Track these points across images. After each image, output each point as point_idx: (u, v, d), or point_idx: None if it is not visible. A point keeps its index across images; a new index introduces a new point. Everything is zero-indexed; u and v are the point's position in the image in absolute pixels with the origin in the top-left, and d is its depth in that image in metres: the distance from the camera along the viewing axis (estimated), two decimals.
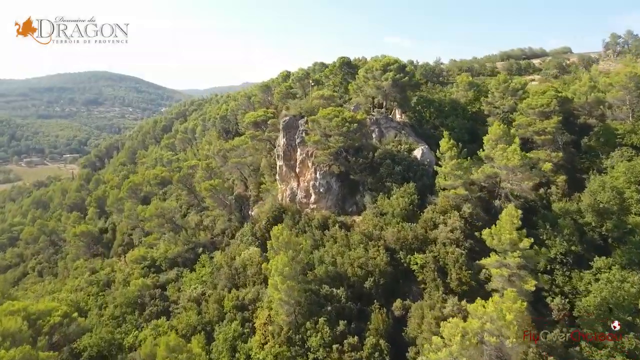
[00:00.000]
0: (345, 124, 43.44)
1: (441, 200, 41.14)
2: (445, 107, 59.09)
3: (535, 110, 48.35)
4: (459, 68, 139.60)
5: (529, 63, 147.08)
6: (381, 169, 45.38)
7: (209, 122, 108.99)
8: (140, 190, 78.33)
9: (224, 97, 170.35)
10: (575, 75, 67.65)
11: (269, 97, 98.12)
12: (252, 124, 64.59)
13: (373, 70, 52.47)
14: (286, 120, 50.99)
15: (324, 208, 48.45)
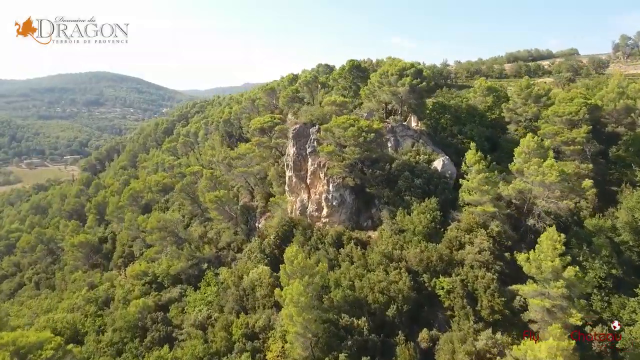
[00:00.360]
0: (362, 133, 40.28)
1: (466, 217, 37.97)
2: (462, 113, 55.90)
3: (563, 119, 45.21)
4: (467, 70, 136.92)
5: (539, 65, 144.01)
6: (399, 181, 42.22)
7: (211, 126, 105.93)
8: (142, 197, 75.26)
9: (226, 99, 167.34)
10: (599, 80, 64.23)
11: (273, 101, 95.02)
12: (258, 130, 61.48)
13: (388, 75, 49.32)
14: (296, 128, 47.85)
15: (337, 222, 45.31)
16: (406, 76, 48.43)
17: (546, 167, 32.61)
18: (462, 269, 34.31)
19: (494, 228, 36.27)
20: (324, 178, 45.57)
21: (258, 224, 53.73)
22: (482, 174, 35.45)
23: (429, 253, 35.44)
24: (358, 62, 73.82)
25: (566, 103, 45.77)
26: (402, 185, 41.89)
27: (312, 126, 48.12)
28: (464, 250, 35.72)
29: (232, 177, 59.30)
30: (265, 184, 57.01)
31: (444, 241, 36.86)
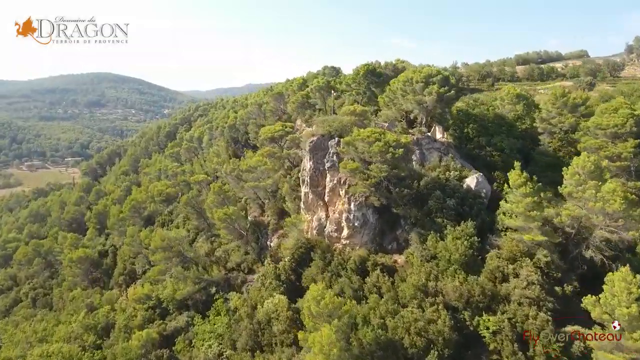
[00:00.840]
0: (389, 149, 36.12)
1: (507, 244, 33.83)
2: (488, 122, 51.72)
3: (607, 132, 41.10)
4: (478, 72, 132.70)
5: (552, 68, 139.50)
6: (430, 202, 38.06)
7: (216, 131, 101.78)
8: (144, 208, 71.17)
9: (230, 102, 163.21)
10: (633, 86, 59.95)
11: (281, 106, 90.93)
12: (268, 140, 57.42)
13: (413, 82, 45.17)
14: (313, 141, 43.73)
15: (358, 244, 41.21)
16: (432, 84, 44.32)
17: (607, 192, 28.46)
18: (509, 306, 30.22)
19: (541, 258, 32.10)
20: (344, 196, 41.44)
21: (270, 242, 49.62)
22: (529, 197, 31.24)
23: (469, 286, 31.35)
24: (373, 66, 69.72)
25: (610, 114, 41.65)
26: (432, 206, 37.73)
27: (330, 138, 44.00)
28: (508, 283, 31.62)
29: (241, 190, 55.13)
30: (277, 198, 52.88)
31: (485, 272, 32.74)
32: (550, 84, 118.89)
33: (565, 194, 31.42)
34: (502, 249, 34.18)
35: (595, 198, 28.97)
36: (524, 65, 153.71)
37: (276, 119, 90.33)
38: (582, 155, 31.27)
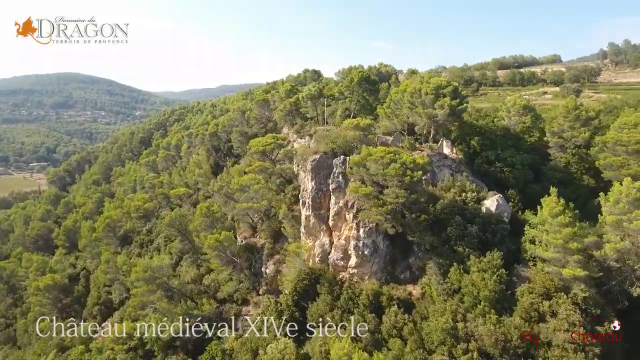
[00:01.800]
0: (407, 171, 32.08)
1: (540, 277, 30.37)
2: (494, 135, 48.63)
3: (628, 148, 38.46)
4: (461, 77, 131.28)
5: (533, 73, 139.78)
6: (449, 228, 34.25)
7: (195, 139, 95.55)
8: (120, 227, 64.77)
9: (207, 106, 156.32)
10: (635, 93, 58.10)
11: (266, 113, 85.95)
12: (259, 153, 52.53)
13: (422, 94, 41.34)
14: (316, 159, 39.24)
15: (367, 274, 37.06)
16: (443, 96, 40.66)
17: None
18: (550, 352, 26.69)
19: (578, 293, 28.75)
20: (352, 221, 37.18)
21: (265, 268, 44.83)
22: (568, 228, 27.80)
23: (504, 329, 27.67)
24: (367, 73, 65.82)
25: (629, 129, 39.06)
26: (452, 233, 33.93)
27: (334, 156, 39.64)
28: (545, 323, 28.12)
29: (231, 210, 50.00)
30: (271, 218, 48.08)
31: (519, 310, 29.12)
32: (533, 89, 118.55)
33: (609, 223, 28.08)
34: (533, 282, 30.71)
35: None
36: (501, 69, 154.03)
37: (261, 127, 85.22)
38: (625, 182, 28.04)
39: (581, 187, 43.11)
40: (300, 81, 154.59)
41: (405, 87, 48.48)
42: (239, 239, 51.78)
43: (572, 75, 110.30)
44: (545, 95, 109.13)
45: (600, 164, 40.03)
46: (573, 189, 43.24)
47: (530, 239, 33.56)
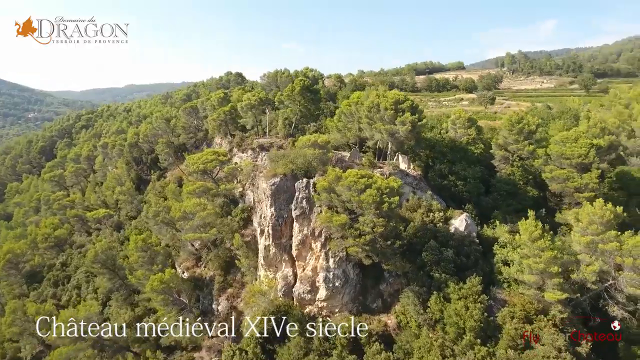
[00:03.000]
0: (383, 197, 29.31)
1: (518, 300, 29.66)
2: (443, 148, 48.23)
3: (573, 162, 39.96)
4: (383, 83, 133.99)
5: (447, 79, 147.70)
6: (424, 254, 32.27)
7: (112, 150, 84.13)
8: (25, 262, 53.68)
9: (120, 110, 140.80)
10: (563, 108, 61.92)
11: (195, 121, 78.30)
12: (200, 172, 46.43)
13: (380, 108, 38.98)
14: (275, 183, 34.77)
15: (338, 306, 33.87)
16: (402, 111, 38.72)
17: (635, 246, 25.52)
18: None
19: (556, 314, 28.45)
20: (319, 250, 33.56)
21: (216, 305, 39.29)
22: (548, 252, 27.16)
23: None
24: (309, 81, 62.27)
25: (571, 144, 40.62)
26: (428, 258, 31.99)
27: (294, 179, 35.55)
28: (531, 350, 27.24)
29: (171, 239, 43.34)
30: (219, 246, 42.46)
31: (505, 338, 27.94)
32: (449, 95, 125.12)
33: (584, 244, 27.96)
34: (511, 305, 29.92)
35: (623, 252, 25.94)
36: (416, 75, 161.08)
37: (190, 137, 77.50)
38: (597, 203, 28.17)
39: (527, 198, 44.18)
40: (223, 84, 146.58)
41: (357, 99, 46.04)
42: (179, 269, 45.30)
43: (485, 84, 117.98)
44: (462, 102, 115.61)
45: (547, 177, 41.17)
46: (519, 200, 44.19)
47: (502, 259, 33.00)
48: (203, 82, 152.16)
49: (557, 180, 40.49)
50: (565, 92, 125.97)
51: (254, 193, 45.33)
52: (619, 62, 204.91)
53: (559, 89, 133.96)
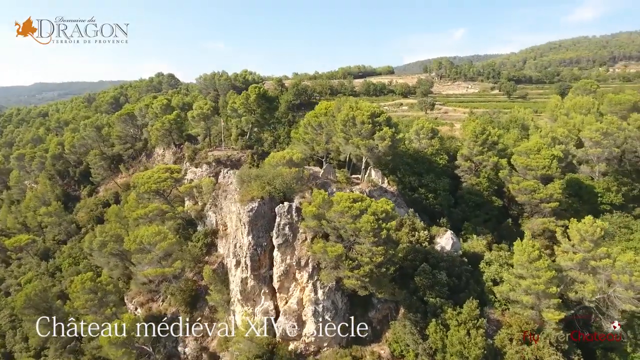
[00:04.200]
0: (381, 223, 26.74)
1: (515, 321, 28.89)
2: (409, 160, 47.15)
3: (537, 173, 40.79)
4: (323, 86, 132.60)
5: (384, 84, 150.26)
6: (417, 278, 30.31)
7: (31, 162, 72.34)
8: None
9: (34, 114, 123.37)
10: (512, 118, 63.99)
11: (132, 130, 69.80)
12: (153, 192, 40.42)
13: (357, 122, 36.37)
14: (254, 209, 30.57)
15: (327, 340, 30.87)
16: (378, 125, 36.49)
17: (628, 263, 25.71)
18: None
19: (551, 333, 28.10)
20: (306, 281, 30.13)
21: (183, 347, 34.04)
22: (548, 272, 26.54)
23: None
24: (265, 89, 57.98)
25: (534, 155, 41.49)
26: (422, 282, 30.08)
27: (272, 202, 31.66)
28: None
29: (120, 273, 36.96)
30: (179, 277, 36.99)
31: None
32: (389, 99, 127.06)
33: (574, 262, 27.77)
34: (507, 326, 29.09)
35: (616, 269, 26.02)
36: (347, 78, 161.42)
37: (127, 147, 68.90)
38: (586, 220, 28.16)
39: (492, 208, 44.57)
40: (154, 86, 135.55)
41: (325, 110, 43.07)
42: (130, 305, 39.02)
43: (423, 90, 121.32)
44: (402, 107, 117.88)
45: (515, 188, 41.64)
46: (486, 210, 44.44)
47: (491, 277, 32.18)
48: (131, 84, 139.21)
49: (524, 191, 41.11)
50: (490, 97, 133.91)
51: (216, 215, 40.46)
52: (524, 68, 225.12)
53: (483, 94, 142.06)
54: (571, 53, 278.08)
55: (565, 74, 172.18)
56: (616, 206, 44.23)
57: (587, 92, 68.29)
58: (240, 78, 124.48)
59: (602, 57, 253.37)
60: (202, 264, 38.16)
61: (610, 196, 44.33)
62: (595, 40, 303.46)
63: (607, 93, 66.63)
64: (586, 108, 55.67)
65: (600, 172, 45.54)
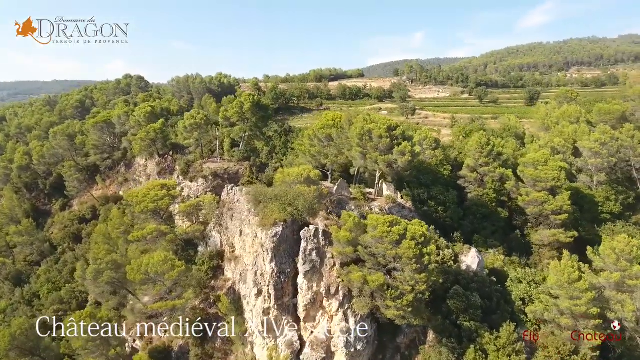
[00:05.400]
0: (421, 248, 25.03)
1: (551, 343, 28.02)
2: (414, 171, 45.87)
3: (548, 185, 40.64)
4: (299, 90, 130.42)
5: (360, 88, 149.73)
6: (451, 302, 28.86)
7: None
8: None
9: None
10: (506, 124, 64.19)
11: (108, 139, 64.54)
12: (150, 212, 36.76)
13: (373, 136, 34.52)
14: (278, 233, 28.02)
15: None
16: (396, 139, 34.82)
17: None
18: None
19: (588, 353, 27.45)
20: (336, 310, 27.92)
21: None
22: (589, 293, 25.84)
23: None
24: (259, 98, 54.96)
25: (542, 167, 41.39)
26: (455, 306, 28.67)
27: (294, 225, 29.25)
28: None
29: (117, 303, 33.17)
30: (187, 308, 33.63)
31: None
32: (367, 104, 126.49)
33: (614, 281, 27.26)
34: (543, 347, 28.21)
35: None
36: (320, 81, 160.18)
37: (104, 157, 63.61)
38: (619, 238, 27.76)
39: (499, 220, 44.14)
40: (123, 89, 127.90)
41: (333, 121, 40.93)
42: (128, 337, 35.30)
43: (402, 95, 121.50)
44: (382, 112, 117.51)
45: (525, 200, 41.32)
46: (493, 221, 43.94)
47: (521, 296, 31.32)
48: (96, 86, 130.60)
49: (534, 203, 40.88)
50: (462, 102, 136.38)
51: (221, 235, 37.38)
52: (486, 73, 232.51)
53: (455, 98, 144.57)
54: (528, 58, 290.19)
55: (527, 79, 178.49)
56: (616, 215, 44.95)
57: (568, 100, 70.14)
58: (216, 81, 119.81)
59: (557, 63, 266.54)
60: (209, 290, 35.13)
61: (610, 205, 45.03)
62: (550, 46, 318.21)
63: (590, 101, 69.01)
64: (575, 117, 56.90)
65: (599, 181, 46.18)
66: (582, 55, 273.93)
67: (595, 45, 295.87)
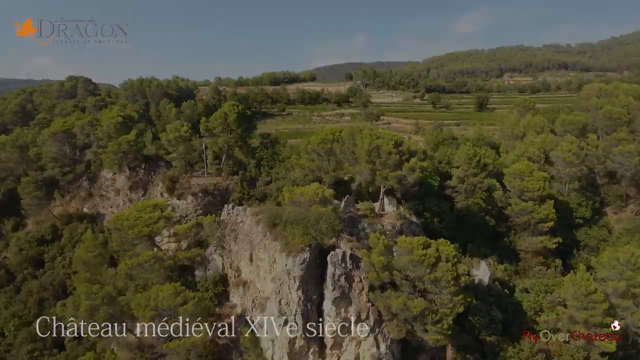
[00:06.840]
0: (455, 269, 24.96)
1: (565, 352, 29.30)
2: None
3: (535, 195, 42.73)
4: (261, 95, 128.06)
5: (318, 93, 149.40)
6: (472, 318, 29.14)
7: None
8: None
9: None
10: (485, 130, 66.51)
11: (69, 150, 58.06)
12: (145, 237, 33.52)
13: (381, 152, 34.06)
14: (306, 260, 26.57)
15: None
16: (404, 155, 34.67)
17: None
18: None
19: (597, 359, 29.04)
20: (367, 335, 27.06)
21: None
22: (604, 304, 27.30)
23: None
24: (243, 107, 52.37)
25: (528, 177, 43.48)
26: (478, 323, 28.99)
27: (319, 250, 27.98)
28: None
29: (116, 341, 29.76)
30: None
31: None
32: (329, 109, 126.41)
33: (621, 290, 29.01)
34: (557, 355, 29.42)
35: None
36: (275, 84, 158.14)
37: (65, 171, 57.23)
38: (626, 249, 29.68)
39: (487, 228, 45.75)
40: (67, 91, 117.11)
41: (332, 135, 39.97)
42: None
43: (364, 101, 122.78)
44: (344, 117, 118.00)
45: (514, 209, 43.12)
46: (482, 230, 45.47)
47: (532, 306, 32.39)
48: (35, 88, 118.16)
49: (522, 212, 42.80)
50: (417, 107, 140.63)
51: (224, 258, 35.01)
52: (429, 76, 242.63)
53: (407, 103, 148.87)
54: (467, 64, 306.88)
55: (471, 84, 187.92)
56: (587, 219, 48.39)
57: (526, 109, 74.61)
58: (173, 85, 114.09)
59: (493, 69, 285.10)
60: (214, 318, 32.67)
61: (582, 211, 48.39)
62: (485, 53, 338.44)
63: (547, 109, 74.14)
64: (539, 127, 60.57)
65: (571, 189, 49.46)
66: (514, 63, 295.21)
67: (524, 54, 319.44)
